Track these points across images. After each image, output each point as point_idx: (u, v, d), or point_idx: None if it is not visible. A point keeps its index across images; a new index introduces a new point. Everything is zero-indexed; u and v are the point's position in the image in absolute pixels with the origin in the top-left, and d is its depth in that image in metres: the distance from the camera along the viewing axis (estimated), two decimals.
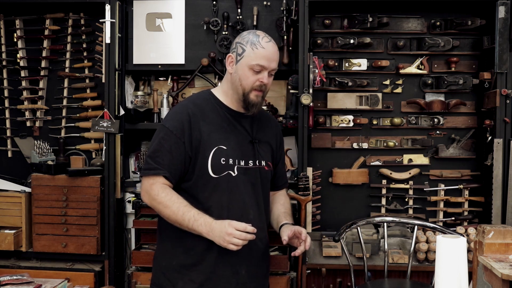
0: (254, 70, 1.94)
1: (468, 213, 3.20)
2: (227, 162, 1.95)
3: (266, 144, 2.12)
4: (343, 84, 3.18)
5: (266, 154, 2.10)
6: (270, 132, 2.17)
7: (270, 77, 1.99)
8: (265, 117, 2.20)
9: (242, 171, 1.99)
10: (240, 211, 1.97)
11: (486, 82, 3.04)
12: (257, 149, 2.04)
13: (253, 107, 1.99)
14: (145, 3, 3.25)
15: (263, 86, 1.97)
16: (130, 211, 3.24)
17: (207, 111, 2.01)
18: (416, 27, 3.23)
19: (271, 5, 3.22)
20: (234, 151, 1.98)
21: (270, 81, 2.00)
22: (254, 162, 2.03)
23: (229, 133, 2.00)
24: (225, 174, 1.96)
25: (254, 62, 1.94)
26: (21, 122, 3.43)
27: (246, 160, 2.00)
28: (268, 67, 1.95)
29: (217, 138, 1.97)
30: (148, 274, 2.91)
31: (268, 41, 1.97)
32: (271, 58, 1.95)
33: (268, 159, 2.11)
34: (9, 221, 3.08)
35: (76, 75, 3.39)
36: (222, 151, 1.96)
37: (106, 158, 3.13)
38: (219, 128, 1.99)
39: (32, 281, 2.21)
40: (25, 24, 3.42)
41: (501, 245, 1.89)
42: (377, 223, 3.03)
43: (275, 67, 1.98)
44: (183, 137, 1.95)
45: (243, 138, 2.03)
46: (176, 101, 3.33)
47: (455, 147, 3.22)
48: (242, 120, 2.05)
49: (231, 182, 1.96)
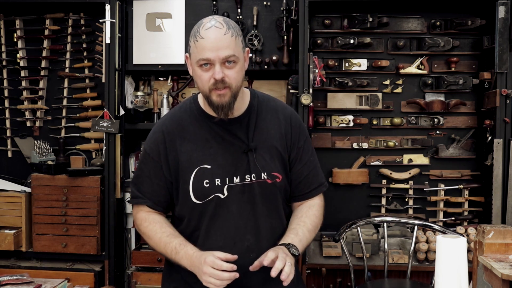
0: (202, 66, 1.58)
1: (468, 213, 3.20)
2: (212, 184, 1.65)
3: (270, 148, 1.70)
4: (343, 84, 3.18)
5: (269, 163, 1.69)
6: (275, 129, 1.72)
7: (227, 68, 1.57)
8: (271, 111, 1.75)
9: (236, 190, 1.66)
10: (233, 239, 1.66)
11: (486, 82, 3.04)
12: (253, 159, 1.66)
13: (221, 110, 1.60)
14: (145, 3, 3.25)
15: (219, 82, 1.56)
16: (130, 211, 3.24)
17: (186, 125, 1.71)
18: (416, 27, 3.23)
19: (271, 5, 3.22)
20: (222, 169, 1.65)
21: (231, 73, 1.58)
22: (251, 177, 1.67)
23: (216, 147, 1.67)
24: (211, 197, 1.66)
25: (198, 58, 1.57)
26: (21, 122, 3.43)
27: (241, 176, 1.66)
28: (214, 58, 1.54)
29: (199, 156, 1.66)
30: (148, 274, 2.92)
31: (209, 26, 1.56)
32: (214, 47, 1.54)
33: (273, 168, 1.69)
34: (9, 221, 3.07)
35: (76, 75, 3.39)
36: (205, 171, 1.65)
37: (106, 158, 3.13)
38: (202, 144, 1.68)
39: (32, 281, 2.20)
40: (25, 24, 3.42)
41: (501, 245, 1.89)
42: (377, 223, 3.03)
43: (227, 55, 1.55)
44: (160, 160, 1.71)
45: (235, 149, 1.67)
46: (176, 101, 3.33)
47: (455, 147, 3.22)
48: (232, 127, 1.68)
49: (219, 206, 1.66)
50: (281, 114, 1.76)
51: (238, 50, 1.60)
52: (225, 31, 1.57)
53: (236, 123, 1.69)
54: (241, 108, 1.71)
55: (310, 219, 1.71)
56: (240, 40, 1.62)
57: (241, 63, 1.62)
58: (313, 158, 1.81)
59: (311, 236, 1.69)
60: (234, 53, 1.57)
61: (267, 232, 1.70)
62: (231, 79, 1.58)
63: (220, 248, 1.61)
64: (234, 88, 1.60)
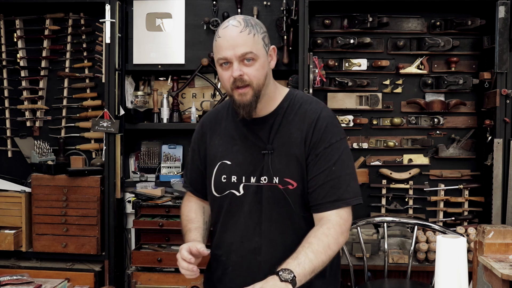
0: (222, 65, 1.57)
1: (468, 213, 3.20)
2: (228, 180, 1.66)
3: (287, 153, 1.62)
4: (343, 84, 3.18)
5: (283, 168, 1.62)
6: (298, 134, 1.62)
7: (246, 66, 1.55)
8: (300, 115, 1.65)
9: (251, 190, 1.64)
10: (241, 238, 1.66)
11: (486, 82, 3.04)
12: (268, 162, 1.61)
13: (242, 109, 1.58)
14: (145, 3, 3.25)
15: (239, 80, 1.54)
16: (130, 211, 3.24)
17: (221, 120, 1.74)
18: (416, 27, 3.23)
19: (271, 5, 3.22)
20: (240, 167, 1.65)
21: (251, 70, 1.55)
22: (267, 179, 1.63)
23: (239, 145, 1.67)
24: (227, 193, 1.67)
25: (217, 57, 1.58)
26: (21, 122, 3.43)
27: (257, 176, 1.63)
28: (231, 56, 1.53)
29: (223, 152, 1.69)
30: (148, 274, 2.92)
31: (227, 26, 1.56)
32: (231, 45, 1.53)
33: (287, 174, 1.61)
34: (9, 221, 3.07)
35: (76, 75, 3.39)
36: (225, 167, 1.67)
37: (106, 158, 3.13)
38: (228, 140, 1.69)
39: (32, 281, 2.20)
40: (25, 24, 3.42)
41: (501, 245, 1.89)
42: (377, 223, 3.03)
43: (243, 52, 1.53)
44: (198, 149, 1.78)
45: (255, 149, 1.64)
46: (176, 101, 3.33)
47: (455, 147, 3.22)
48: (256, 127, 1.65)
49: (233, 203, 1.66)
50: (309, 118, 1.63)
51: (257, 47, 1.56)
52: (241, 29, 1.55)
53: (261, 123, 1.65)
54: (269, 108, 1.66)
55: (318, 239, 1.50)
56: (261, 37, 1.59)
57: (261, 60, 1.57)
58: (338, 168, 1.59)
59: (318, 257, 1.46)
60: (252, 50, 1.54)
61: (275, 237, 1.64)
62: (250, 77, 1.56)
63: (230, 245, 1.65)
64: (255, 86, 1.57)
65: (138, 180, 3.31)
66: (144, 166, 3.43)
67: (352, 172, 1.64)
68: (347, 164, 1.63)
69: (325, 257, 1.49)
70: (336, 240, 1.53)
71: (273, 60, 1.66)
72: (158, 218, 3.02)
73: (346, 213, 1.60)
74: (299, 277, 1.39)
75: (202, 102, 3.44)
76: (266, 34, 1.63)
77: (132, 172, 3.42)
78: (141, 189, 3.14)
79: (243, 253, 1.63)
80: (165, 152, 3.42)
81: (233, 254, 1.67)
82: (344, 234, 1.58)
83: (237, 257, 1.66)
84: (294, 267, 1.41)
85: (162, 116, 3.33)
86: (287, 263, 1.43)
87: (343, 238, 1.57)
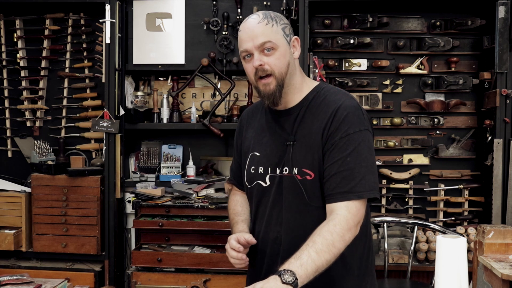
0: (245, 58, 1.62)
1: (468, 213, 3.20)
2: (256, 171, 1.71)
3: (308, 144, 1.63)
4: (343, 84, 3.18)
5: (302, 159, 1.62)
6: (319, 124, 1.61)
7: (266, 56, 1.58)
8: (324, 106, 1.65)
9: (276, 181, 1.67)
10: (265, 228, 1.71)
11: (486, 82, 3.04)
12: (289, 153, 1.64)
13: (268, 99, 1.62)
14: (145, 3, 3.25)
15: (260, 70, 1.58)
16: (130, 211, 3.24)
17: (256, 114, 1.81)
18: (416, 27, 3.23)
19: (271, 5, 3.22)
20: (267, 158, 1.69)
21: (271, 59, 1.58)
22: (287, 170, 1.65)
23: (268, 137, 1.72)
24: (255, 184, 1.73)
25: (240, 51, 1.63)
26: (21, 122, 3.43)
27: (280, 168, 1.66)
28: (251, 47, 1.58)
29: (254, 144, 1.75)
30: (148, 274, 2.91)
31: (247, 19, 1.63)
32: (249, 36, 1.58)
33: (305, 165, 1.62)
34: (9, 221, 3.08)
35: (76, 75, 3.39)
36: (254, 158, 1.73)
37: (106, 158, 3.13)
38: (260, 132, 1.75)
39: (32, 281, 2.20)
40: (25, 24, 3.42)
41: (501, 245, 1.89)
42: (377, 223, 3.03)
43: (261, 42, 1.57)
44: (236, 143, 1.87)
45: (281, 141, 1.67)
46: (176, 101, 3.33)
47: (455, 147, 3.22)
48: (282, 119, 1.69)
49: (260, 193, 1.72)
50: (330, 108, 1.61)
51: (276, 37, 1.59)
52: (259, 20, 1.59)
53: (287, 115, 1.68)
54: (295, 100, 1.68)
55: (322, 237, 1.47)
56: (281, 27, 1.61)
57: (282, 49, 1.60)
58: (353, 159, 1.55)
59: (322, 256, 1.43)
60: (270, 39, 1.57)
61: (294, 228, 1.64)
62: (271, 66, 1.58)
63: (259, 233, 1.72)
64: (277, 75, 1.59)
65: (138, 180, 3.31)
66: (144, 166, 3.43)
67: (370, 165, 1.57)
68: (364, 156, 1.56)
69: (329, 255, 1.45)
70: (341, 238, 1.49)
71: (297, 51, 1.66)
72: (158, 218, 3.02)
73: (356, 207, 1.54)
74: (301, 279, 1.37)
75: (202, 102, 3.44)
76: (288, 26, 1.64)
77: (132, 172, 3.42)
78: (141, 189, 3.14)
79: (267, 242, 1.68)
80: (165, 152, 3.42)
81: (259, 242, 1.71)
82: (352, 230, 1.52)
83: (263, 245, 1.70)
84: (297, 268, 1.39)
85: (162, 116, 3.32)
86: (289, 262, 1.41)
87: (351, 234, 1.52)
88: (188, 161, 3.31)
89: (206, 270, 2.90)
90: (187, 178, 3.23)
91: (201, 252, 2.93)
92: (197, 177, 3.22)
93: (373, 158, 1.60)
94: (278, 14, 1.64)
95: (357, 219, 1.54)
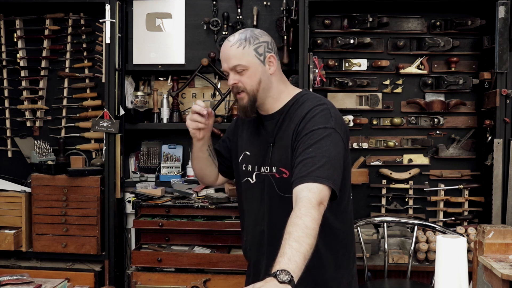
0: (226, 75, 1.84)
1: (468, 213, 3.20)
2: (246, 169, 1.90)
3: (284, 145, 1.79)
4: (343, 84, 3.18)
5: (280, 158, 1.80)
6: (292, 126, 1.78)
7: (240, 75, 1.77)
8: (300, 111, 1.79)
9: (260, 178, 1.87)
10: (254, 221, 1.89)
11: (486, 82, 3.04)
12: (270, 153, 1.83)
13: (241, 111, 1.85)
14: (145, 3, 3.25)
15: (235, 87, 1.80)
16: (130, 211, 3.24)
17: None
18: (416, 27, 3.23)
19: (271, 5, 3.22)
20: (254, 157, 1.89)
21: (243, 78, 1.77)
22: (268, 169, 1.83)
23: (256, 138, 1.91)
24: (245, 180, 1.91)
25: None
26: (21, 122, 3.43)
27: (264, 166, 1.85)
28: (226, 68, 1.80)
29: (246, 143, 1.93)
30: (148, 274, 2.92)
31: (225, 41, 1.81)
32: (225, 58, 1.79)
33: (282, 164, 1.78)
34: (9, 221, 3.08)
35: (76, 75, 3.39)
36: (245, 157, 1.92)
37: (106, 158, 3.13)
38: (252, 133, 1.94)
39: (32, 281, 2.20)
40: (25, 24, 3.42)
41: (501, 245, 1.89)
42: (377, 223, 3.03)
43: (234, 64, 1.76)
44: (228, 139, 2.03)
45: (264, 142, 1.87)
46: (176, 101, 3.33)
47: (455, 147, 3.22)
48: (266, 122, 1.88)
49: (249, 189, 1.90)
50: (304, 112, 1.76)
51: (247, 58, 1.76)
52: (232, 43, 1.77)
53: (270, 119, 1.86)
54: (277, 106, 1.85)
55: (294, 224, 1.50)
56: (253, 48, 1.77)
57: (253, 69, 1.77)
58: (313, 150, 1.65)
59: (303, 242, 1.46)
60: (240, 62, 1.75)
61: (277, 222, 1.71)
62: (244, 83, 1.77)
63: (248, 227, 1.90)
64: (249, 91, 1.78)
65: (138, 180, 3.31)
66: (144, 166, 3.43)
67: (331, 159, 1.64)
68: (326, 149, 1.65)
69: (308, 238, 1.47)
70: (311, 217, 1.51)
71: (273, 66, 1.82)
72: (158, 218, 3.02)
73: (317, 187, 1.57)
74: (295, 274, 1.39)
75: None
76: (263, 44, 1.79)
77: (132, 172, 3.42)
78: (141, 189, 3.14)
79: (255, 234, 1.86)
80: (165, 152, 3.42)
81: (249, 235, 1.89)
82: (317, 209, 1.54)
83: (252, 237, 1.88)
84: (286, 264, 1.40)
85: (162, 116, 3.33)
86: (278, 262, 1.42)
87: (317, 212, 1.53)
88: (188, 161, 3.31)
89: (206, 270, 2.90)
90: (187, 178, 3.23)
91: (201, 252, 2.93)
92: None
93: (336, 154, 1.66)
94: (258, 32, 1.81)
95: (319, 197, 1.56)
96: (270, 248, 1.78)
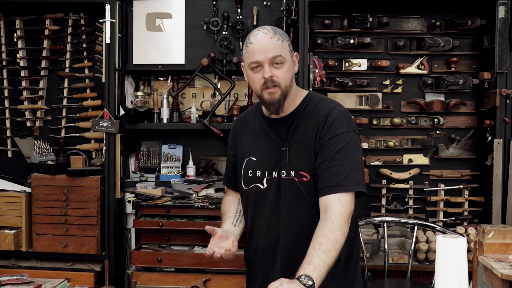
0: (253, 69, 1.77)
1: (468, 213, 3.20)
2: (254, 175, 1.86)
3: (303, 148, 1.79)
4: (343, 84, 3.18)
5: (298, 162, 1.78)
6: (312, 129, 1.78)
7: (275, 68, 1.74)
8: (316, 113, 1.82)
9: (274, 183, 1.82)
10: (266, 227, 1.85)
11: (486, 82, 3.04)
12: (286, 157, 1.80)
13: (272, 107, 1.78)
14: (145, 3, 3.25)
15: (269, 81, 1.74)
16: (130, 211, 3.24)
17: (249, 121, 1.96)
18: (416, 27, 3.23)
19: (271, 5, 3.22)
20: (264, 162, 1.84)
21: (279, 72, 1.75)
22: (283, 173, 1.80)
23: (263, 143, 1.87)
24: (252, 187, 1.87)
25: (249, 61, 1.77)
26: (21, 122, 3.43)
27: (277, 171, 1.81)
28: (263, 59, 1.73)
29: (250, 149, 1.89)
30: (148, 274, 2.92)
31: (257, 33, 1.77)
32: (262, 49, 1.73)
33: (301, 168, 1.78)
34: (9, 221, 3.07)
35: (76, 75, 3.39)
36: (251, 162, 1.87)
37: (106, 158, 3.13)
38: (254, 138, 1.90)
39: (32, 281, 2.20)
40: (25, 24, 3.42)
41: (501, 245, 1.89)
42: (377, 223, 3.03)
43: (274, 55, 1.73)
44: (231, 148, 2.01)
45: (276, 147, 1.83)
46: (176, 101, 3.33)
47: (455, 147, 3.22)
48: (276, 126, 1.85)
49: (258, 195, 1.86)
50: (322, 115, 1.79)
51: (285, 52, 1.76)
52: (271, 35, 1.75)
53: (281, 122, 1.84)
54: (289, 108, 1.84)
55: (326, 237, 1.59)
56: (287, 44, 1.79)
57: (288, 64, 1.77)
58: (340, 157, 1.71)
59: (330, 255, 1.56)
60: (281, 53, 1.74)
61: (293, 227, 1.80)
62: (279, 78, 1.75)
63: (259, 233, 1.87)
64: (283, 86, 1.76)
65: (138, 180, 3.31)
66: (144, 166, 3.43)
67: (356, 162, 1.73)
68: (351, 155, 1.72)
69: (336, 252, 1.59)
70: (341, 232, 1.62)
71: (296, 66, 1.84)
72: (158, 218, 3.02)
73: (348, 200, 1.68)
74: (317, 282, 1.50)
75: (202, 102, 3.44)
76: (290, 43, 1.81)
77: (132, 172, 3.42)
78: (141, 189, 3.14)
79: (268, 240, 1.83)
80: (165, 152, 3.42)
81: (261, 241, 1.86)
82: (348, 222, 1.66)
83: (264, 244, 1.85)
84: (311, 272, 1.50)
85: (162, 116, 3.33)
86: (303, 268, 1.52)
87: (347, 226, 1.65)
88: (188, 161, 3.31)
89: (206, 270, 2.90)
90: (187, 178, 3.23)
91: (201, 252, 2.93)
92: (197, 177, 3.22)
93: (359, 157, 1.76)
94: (282, 30, 1.82)
95: (350, 211, 1.68)
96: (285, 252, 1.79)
